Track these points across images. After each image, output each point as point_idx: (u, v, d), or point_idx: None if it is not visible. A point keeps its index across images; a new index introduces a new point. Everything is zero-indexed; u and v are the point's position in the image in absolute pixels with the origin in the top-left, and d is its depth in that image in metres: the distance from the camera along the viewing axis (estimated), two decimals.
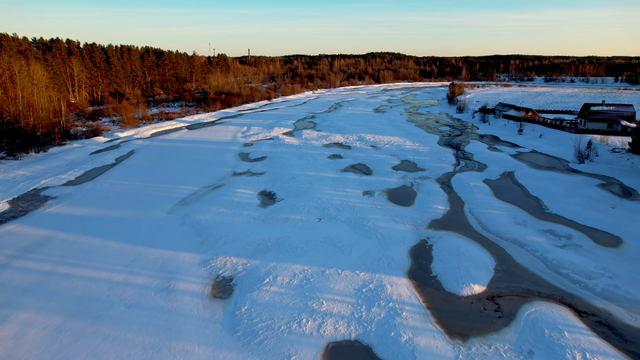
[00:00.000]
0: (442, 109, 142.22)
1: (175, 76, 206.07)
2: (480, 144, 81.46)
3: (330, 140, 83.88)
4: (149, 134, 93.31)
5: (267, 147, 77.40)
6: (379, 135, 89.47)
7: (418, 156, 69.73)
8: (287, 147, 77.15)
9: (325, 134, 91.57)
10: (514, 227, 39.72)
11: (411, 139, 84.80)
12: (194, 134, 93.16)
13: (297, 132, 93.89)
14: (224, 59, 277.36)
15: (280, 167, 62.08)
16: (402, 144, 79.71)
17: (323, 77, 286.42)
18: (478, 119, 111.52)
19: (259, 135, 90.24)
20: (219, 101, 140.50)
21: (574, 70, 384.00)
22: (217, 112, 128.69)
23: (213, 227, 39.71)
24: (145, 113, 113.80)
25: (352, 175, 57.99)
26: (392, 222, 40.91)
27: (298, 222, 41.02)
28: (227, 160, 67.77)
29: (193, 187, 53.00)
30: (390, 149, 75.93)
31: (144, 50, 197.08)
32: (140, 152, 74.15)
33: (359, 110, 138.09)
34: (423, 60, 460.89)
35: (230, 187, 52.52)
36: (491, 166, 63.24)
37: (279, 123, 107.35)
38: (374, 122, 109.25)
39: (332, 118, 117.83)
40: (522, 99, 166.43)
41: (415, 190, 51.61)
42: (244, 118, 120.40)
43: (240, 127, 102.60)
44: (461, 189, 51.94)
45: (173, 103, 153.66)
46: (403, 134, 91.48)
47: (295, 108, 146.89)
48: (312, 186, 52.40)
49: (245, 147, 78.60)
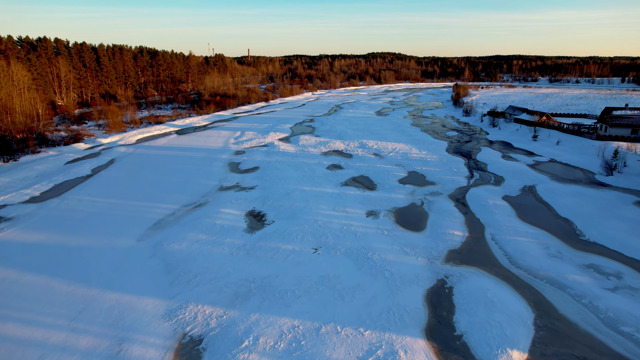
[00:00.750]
0: (448, 112, 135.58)
1: (170, 77, 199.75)
2: (493, 151, 74.78)
3: (330, 148, 77.22)
4: (134, 139, 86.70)
5: (260, 156, 70.75)
6: (383, 141, 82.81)
7: (426, 166, 63.07)
8: (283, 156, 70.51)
9: (325, 140, 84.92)
10: (548, 261, 33.08)
11: (417, 146, 78.12)
12: (182, 140, 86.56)
13: (293, 138, 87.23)
14: (222, 59, 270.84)
15: (273, 180, 55.45)
16: (408, 152, 73.06)
17: (323, 77, 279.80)
18: (487, 123, 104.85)
19: (252, 141, 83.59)
20: (213, 103, 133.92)
21: (579, 70, 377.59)
22: (210, 115, 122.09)
23: (187, 261, 33.09)
24: (133, 116, 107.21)
25: (353, 190, 51.36)
26: (401, 254, 34.29)
27: (290, 253, 34.41)
28: (214, 171, 61.14)
29: (172, 205, 46.39)
30: (395, 157, 69.27)
31: (138, 50, 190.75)
32: (121, 162, 67.53)
33: (360, 113, 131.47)
34: (425, 61, 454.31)
35: (214, 206, 45.90)
36: (509, 179, 56.57)
37: (275, 127, 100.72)
38: (376, 127, 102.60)
39: (332, 122, 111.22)
40: (529, 101, 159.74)
41: (426, 209, 44.97)
42: (239, 122, 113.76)
43: (233, 132, 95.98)
44: (479, 208, 45.30)
45: (166, 105, 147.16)
46: (408, 140, 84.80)
47: (294, 110, 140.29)
48: (308, 205, 45.78)
49: (236, 155, 71.96)
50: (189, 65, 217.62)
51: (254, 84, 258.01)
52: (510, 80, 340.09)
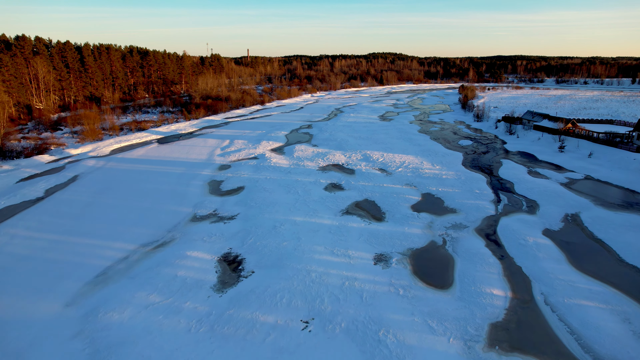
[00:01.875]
0: (457, 116, 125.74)
1: (162, 78, 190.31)
2: (516, 165, 64.99)
3: (329, 161, 67.45)
4: (109, 150, 76.95)
5: (247, 172, 60.99)
6: (389, 152, 73.02)
7: (443, 186, 53.28)
8: (274, 171, 60.75)
9: (323, 150, 75.16)
10: (636, 344, 23.32)
11: (429, 159, 68.34)
12: (162, 151, 76.80)
13: (288, 148, 77.43)
14: (218, 59, 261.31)
15: (258, 207, 45.69)
16: (419, 166, 63.28)
17: (323, 78, 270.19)
18: (503, 129, 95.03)
19: (241, 152, 73.79)
20: (203, 107, 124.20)
21: (585, 71, 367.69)
22: (199, 121, 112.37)
23: (124, 346, 23.35)
24: (113, 123, 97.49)
25: (357, 221, 41.59)
26: (426, 331, 24.53)
27: (270, 330, 24.66)
28: (191, 193, 51.39)
29: (128, 244, 36.66)
30: (404, 173, 59.52)
31: (128, 50, 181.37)
32: (84, 180, 57.81)
33: (362, 118, 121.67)
34: (427, 61, 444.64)
35: (180, 246, 36.16)
36: (544, 204, 46.77)
37: (268, 135, 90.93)
38: (381, 134, 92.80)
39: (332, 128, 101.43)
40: (542, 104, 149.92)
41: (450, 251, 35.21)
42: (229, 128, 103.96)
43: (221, 140, 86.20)
44: (517, 249, 35.52)
45: (154, 109, 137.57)
46: (418, 150, 74.98)
47: (291, 115, 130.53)
48: (299, 245, 36.02)
49: (220, 171, 62.20)
50: (183, 66, 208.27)
51: (251, 85, 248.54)
52: (515, 81, 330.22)
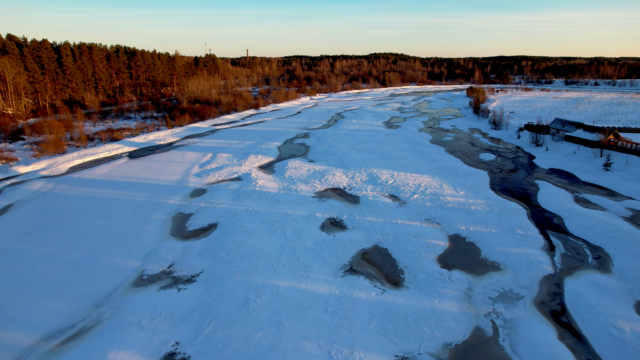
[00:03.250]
0: (470, 122, 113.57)
1: (151, 80, 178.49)
2: (557, 190, 52.87)
3: (327, 183, 55.36)
4: (67, 167, 64.91)
5: (225, 200, 48.91)
6: (400, 170, 60.93)
7: (474, 223, 41.18)
8: (258, 200, 48.69)
9: (321, 167, 63.08)
10: None
11: (449, 179, 56.26)
12: (130, 169, 64.71)
13: (279, 165, 65.31)
14: (213, 59, 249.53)
15: (230, 260, 33.64)
16: (439, 191, 51.19)
17: (323, 79, 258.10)
18: (527, 140, 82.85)
19: (222, 171, 61.71)
20: (189, 113, 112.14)
21: (594, 71, 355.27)
22: (183, 128, 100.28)
23: None
24: (82, 132, 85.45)
25: (365, 287, 29.50)
26: None
27: None
28: (147, 234, 39.36)
29: (25, 333, 24.67)
30: (422, 202, 47.42)
31: (114, 50, 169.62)
32: (17, 212, 45.79)
33: (365, 125, 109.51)
34: (430, 62, 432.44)
35: (103, 339, 24.11)
36: (616, 253, 34.69)
37: (258, 147, 78.80)
38: (388, 145, 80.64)
39: (331, 138, 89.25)
40: (560, 107, 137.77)
41: (508, 351, 23.13)
42: (215, 137, 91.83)
43: (202, 154, 74.11)
44: (610, 345, 23.44)
45: (138, 113, 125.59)
46: (434, 168, 62.85)
47: (286, 121, 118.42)
48: (280, 338, 23.95)
49: (192, 198, 50.13)
50: (174, 67, 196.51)
51: (248, 86, 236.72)
52: (522, 82, 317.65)
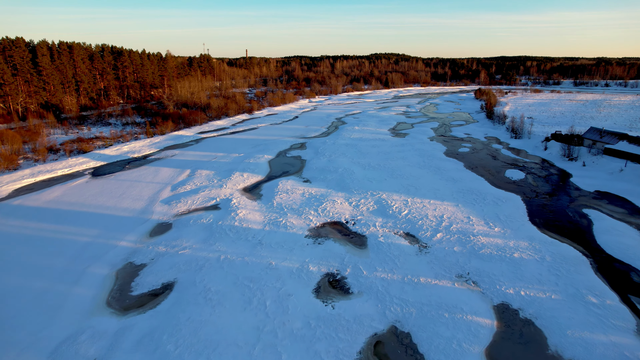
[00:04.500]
0: (485, 129, 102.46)
1: (140, 81, 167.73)
2: (614, 222, 41.75)
3: (325, 215, 44.26)
4: (11, 189, 53.80)
5: (192, 243, 37.82)
6: (414, 195, 49.78)
7: (523, 282, 30.05)
8: (234, 244, 37.58)
9: (318, 191, 51.98)
10: None
11: (477, 208, 45.12)
12: (88, 192, 53.59)
13: (268, 187, 54.20)
14: (208, 59, 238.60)
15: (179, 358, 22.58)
16: (467, 227, 40.10)
17: (323, 80, 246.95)
18: (557, 153, 71.68)
19: (198, 195, 50.61)
20: (173, 119, 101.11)
21: (603, 72, 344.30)
22: (165, 137, 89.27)
23: None
24: (44, 143, 74.39)
25: None
26: None
27: None
28: (70, 304, 28.27)
29: None
30: (448, 246, 36.31)
31: (99, 49, 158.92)
32: None
33: (369, 132, 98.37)
34: (433, 62, 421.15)
35: None
36: None
37: (245, 162, 67.67)
38: (396, 159, 69.50)
39: (331, 149, 78.09)
40: (580, 111, 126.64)
41: None
42: (198, 149, 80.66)
43: (179, 170, 63.05)
44: None
45: (121, 118, 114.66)
46: (455, 190, 51.69)
47: (281, 127, 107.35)
48: None
49: (149, 239, 39.01)
50: (166, 68, 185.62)
51: (244, 88, 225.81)
52: (529, 83, 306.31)
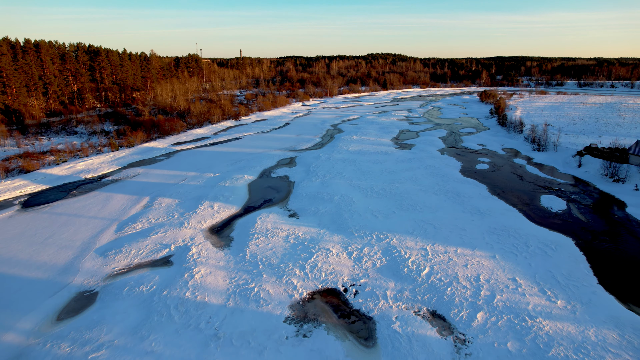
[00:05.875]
0: (499, 138, 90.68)
1: (120, 83, 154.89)
2: None
3: (315, 277, 31.90)
4: None
5: (114, 336, 25.29)
6: (434, 239, 37.57)
7: None
8: (179, 332, 25.15)
9: (306, 233, 39.67)
10: None
11: (523, 264, 33.02)
12: (5, 232, 40.83)
13: (241, 226, 41.73)
14: (196, 60, 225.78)
15: None
16: (515, 297, 28.03)
17: (318, 82, 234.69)
18: (596, 171, 59.88)
19: (148, 240, 38.10)
20: (146, 128, 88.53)
21: (606, 72, 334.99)
22: (132, 150, 76.65)
23: None
24: None
25: None
26: None
27: None
28: None
29: None
30: (497, 338, 24.16)
31: (73, 48, 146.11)
32: None
33: (369, 143, 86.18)
34: (431, 62, 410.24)
35: None
36: None
37: (219, 185, 55.16)
38: (404, 180, 57.34)
39: (325, 167, 65.75)
40: (600, 116, 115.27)
41: None
42: (167, 166, 67.96)
43: (136, 198, 50.50)
44: None
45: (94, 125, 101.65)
46: (486, 230, 39.54)
47: (269, 137, 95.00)
48: None
49: (52, 328, 26.37)
50: (149, 69, 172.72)
51: (234, 89, 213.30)
52: (532, 84, 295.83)
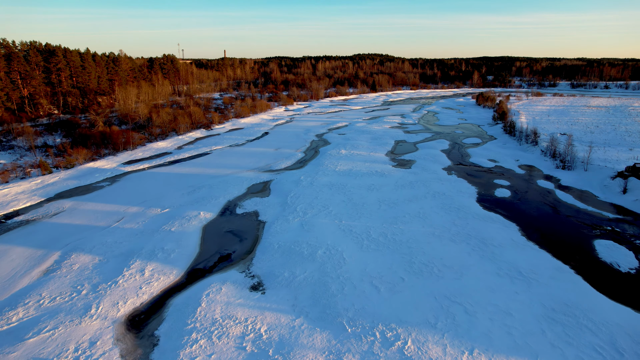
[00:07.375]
0: (510, 151, 78.41)
1: (82, 87, 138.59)
2: None
3: None
4: None
5: None
6: (469, 337, 24.45)
7: None
8: None
9: (274, 327, 25.93)
10: None
11: None
12: None
13: (175, 313, 27.68)
14: (172, 60, 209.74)
15: None
16: None
17: (303, 84, 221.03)
18: None
19: (22, 346, 24.12)
20: (94, 142, 73.59)
21: (597, 73, 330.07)
22: (70, 172, 61.76)
23: None
24: None
25: None
26: None
27: None
28: None
29: None
30: None
31: (25, 47, 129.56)
32: None
33: (361, 160, 72.75)
34: (420, 62, 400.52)
35: None
36: None
37: (163, 230, 40.99)
38: (411, 220, 44.05)
39: (307, 198, 51.94)
40: (612, 121, 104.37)
41: None
42: (105, 197, 53.34)
43: (39, 257, 36.03)
44: None
45: (41, 137, 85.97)
46: (542, 315, 26.56)
47: (242, 152, 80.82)
48: None
49: None
50: (117, 71, 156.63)
51: (213, 92, 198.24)
52: (525, 85, 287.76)
